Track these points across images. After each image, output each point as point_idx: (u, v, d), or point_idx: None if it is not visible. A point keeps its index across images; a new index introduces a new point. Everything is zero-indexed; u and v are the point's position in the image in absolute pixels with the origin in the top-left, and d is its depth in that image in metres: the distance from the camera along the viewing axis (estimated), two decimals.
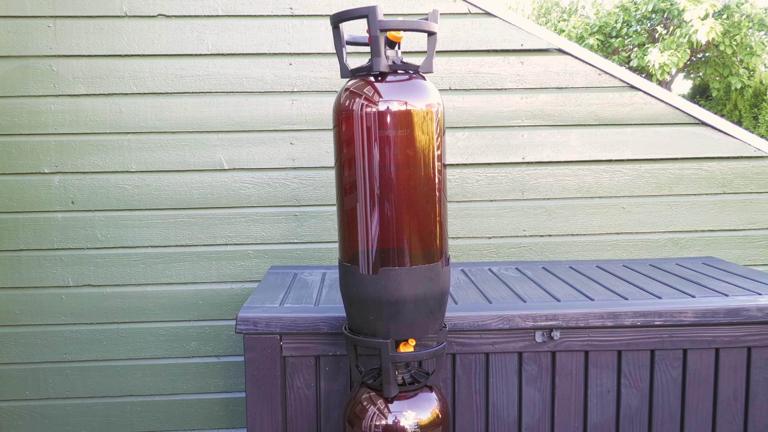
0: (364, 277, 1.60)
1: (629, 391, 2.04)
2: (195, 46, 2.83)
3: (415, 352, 1.66)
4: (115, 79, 2.82)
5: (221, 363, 2.95)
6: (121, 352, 2.91)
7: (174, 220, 2.88)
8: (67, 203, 2.84)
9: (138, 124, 2.84)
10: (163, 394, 2.94)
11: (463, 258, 2.99)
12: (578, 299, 2.13)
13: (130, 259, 2.88)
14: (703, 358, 2.04)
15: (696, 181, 3.03)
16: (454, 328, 1.96)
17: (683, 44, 10.55)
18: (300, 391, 1.99)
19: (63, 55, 2.80)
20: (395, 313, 1.59)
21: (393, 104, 1.55)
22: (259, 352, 1.95)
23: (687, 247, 3.05)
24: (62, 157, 2.83)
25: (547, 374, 2.03)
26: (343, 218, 1.65)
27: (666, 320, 2.00)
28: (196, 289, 2.91)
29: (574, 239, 3.02)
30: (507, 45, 2.92)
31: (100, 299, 2.89)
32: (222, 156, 2.88)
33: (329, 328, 1.94)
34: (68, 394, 2.91)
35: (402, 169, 1.57)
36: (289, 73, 2.88)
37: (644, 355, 2.03)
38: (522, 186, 2.98)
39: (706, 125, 2.99)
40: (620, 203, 3.02)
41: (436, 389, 1.74)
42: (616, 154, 2.99)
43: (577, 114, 2.97)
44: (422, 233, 1.62)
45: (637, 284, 2.34)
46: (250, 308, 2.02)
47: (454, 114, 2.93)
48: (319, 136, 2.90)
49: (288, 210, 2.91)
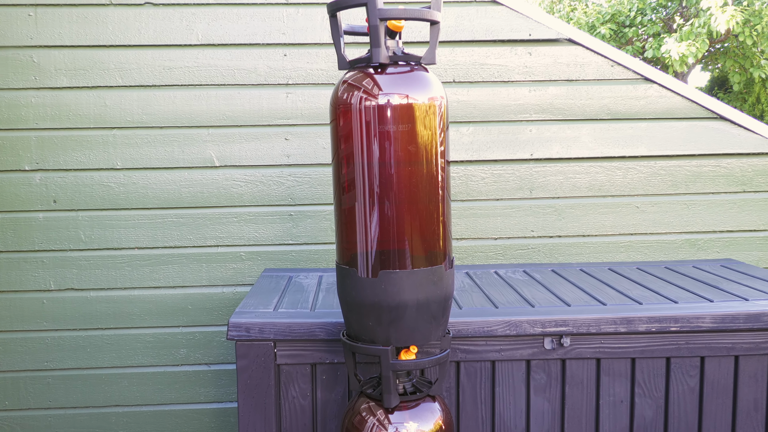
0: (362, 281, 1.60)
1: (643, 401, 2.04)
2: (184, 36, 2.83)
3: (417, 360, 1.66)
4: (100, 71, 2.82)
5: (212, 371, 2.95)
6: (105, 359, 2.91)
7: (162, 220, 2.89)
8: (49, 202, 2.85)
9: (124, 119, 2.84)
10: (151, 405, 2.94)
11: (467, 260, 2.99)
12: (589, 304, 2.13)
13: (116, 262, 2.89)
14: (721, 366, 2.04)
15: (714, 179, 3.03)
16: (459, 334, 1.96)
17: (701, 34, 10.55)
18: (295, 401, 1.99)
19: (44, 46, 2.80)
20: (396, 319, 1.60)
21: (393, 97, 1.55)
22: (251, 360, 1.95)
23: (705, 248, 3.05)
24: (44, 154, 2.83)
25: (556, 383, 2.03)
26: (341, 218, 1.65)
27: (682, 326, 2.00)
28: (185, 293, 2.91)
29: (586, 240, 3.02)
30: (514, 35, 2.93)
31: (84, 304, 2.89)
32: (213, 152, 2.88)
33: (326, 334, 1.94)
34: (50, 404, 2.91)
35: (403, 166, 1.57)
36: (284, 64, 2.88)
37: (659, 362, 2.03)
38: (530, 184, 2.98)
39: (725, 120, 3.00)
40: (634, 202, 3.02)
41: (439, 399, 1.75)
42: (629, 150, 2.99)
43: (589, 108, 2.97)
44: (424, 234, 1.62)
45: (652, 288, 2.34)
46: (243, 313, 2.02)
47: (458, 108, 2.94)
48: (316, 132, 2.90)
49: (282, 209, 2.92)
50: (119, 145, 2.85)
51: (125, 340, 2.91)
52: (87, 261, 2.88)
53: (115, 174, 2.86)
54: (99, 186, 2.86)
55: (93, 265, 2.88)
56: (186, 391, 2.95)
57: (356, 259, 1.61)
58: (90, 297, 2.89)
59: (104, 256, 2.88)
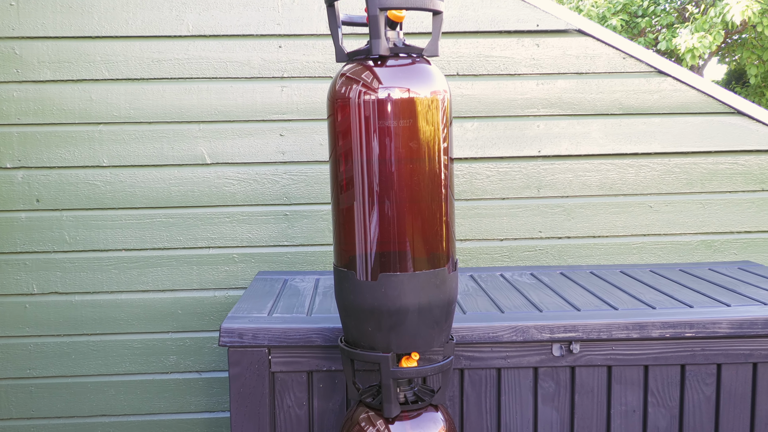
0: (361, 284, 1.60)
1: (657, 410, 2.04)
2: (174, 27, 2.83)
3: (419, 367, 1.66)
4: (85, 63, 2.82)
5: (203, 379, 2.95)
6: (91, 367, 2.91)
7: (150, 220, 2.88)
8: (32, 201, 2.84)
9: (110, 114, 2.84)
10: (139, 414, 2.94)
11: (472, 262, 2.99)
12: (600, 308, 2.13)
13: (102, 264, 2.88)
14: (739, 374, 2.04)
15: (731, 177, 3.03)
16: (462, 340, 1.96)
17: (717, 25, 10.55)
18: (291, 411, 1.99)
19: (27, 37, 2.80)
20: (396, 324, 1.59)
21: (394, 91, 1.55)
22: (245, 367, 1.94)
23: (721, 250, 3.05)
24: (26, 150, 2.83)
25: (565, 392, 2.03)
26: (339, 218, 1.65)
27: (698, 332, 2.00)
28: (175, 297, 2.91)
29: (596, 241, 3.02)
30: (521, 25, 2.92)
31: (68, 308, 2.89)
32: (204, 149, 2.88)
33: (323, 340, 1.94)
34: (33, 413, 2.91)
35: (404, 164, 1.57)
36: (279, 56, 2.88)
37: (674, 370, 2.03)
38: (538, 182, 2.98)
39: (742, 115, 2.99)
40: (647, 201, 3.02)
41: (442, 408, 1.74)
42: (642, 146, 2.99)
43: (599, 102, 2.97)
44: (426, 235, 1.62)
45: (666, 292, 2.34)
46: (236, 318, 2.02)
47: (462, 102, 2.93)
48: (312, 127, 2.90)
49: (277, 209, 2.91)
50: (105, 141, 2.85)
51: (112, 347, 2.91)
52: (72, 263, 2.87)
53: (101, 172, 2.86)
54: (84, 184, 2.86)
55: (78, 268, 2.88)
56: (176, 400, 2.94)
57: (355, 261, 1.61)
58: (75, 301, 2.89)
59: (90, 258, 2.88)
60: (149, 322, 2.91)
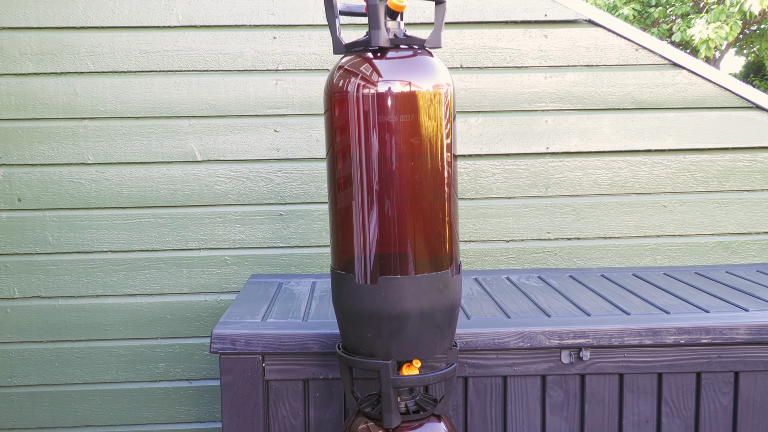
0: (360, 288, 1.60)
1: (671, 420, 2.04)
2: (163, 17, 2.83)
3: (421, 375, 1.66)
4: (69, 55, 2.82)
5: (193, 388, 2.96)
6: (76, 375, 2.91)
7: (138, 220, 2.89)
8: (13, 201, 2.85)
9: (96, 108, 2.84)
10: (126, 425, 2.94)
11: (476, 265, 2.99)
12: (612, 313, 2.13)
13: (87, 267, 2.89)
14: (758, 382, 2.04)
15: (750, 175, 3.03)
16: (467, 347, 1.96)
17: (734, 15, 10.55)
18: (285, 421, 1.99)
19: (7, 28, 2.80)
20: (397, 330, 1.60)
21: (395, 85, 1.55)
22: (237, 375, 1.95)
23: (739, 252, 3.05)
24: (7, 147, 2.83)
25: (575, 401, 2.03)
26: (337, 218, 1.65)
27: (715, 338, 2.00)
28: (164, 301, 2.92)
29: (607, 243, 3.02)
30: (528, 15, 2.93)
31: (52, 313, 2.89)
32: (194, 145, 2.88)
33: (320, 347, 1.94)
34: (14, 424, 2.91)
35: (405, 161, 1.57)
36: (273, 48, 2.88)
37: (689, 378, 2.03)
38: (546, 180, 2.98)
39: (761, 109, 3.00)
40: (661, 201, 3.02)
41: (445, 419, 1.75)
42: (656, 143, 2.99)
43: (611, 96, 2.97)
44: (429, 236, 1.62)
45: (681, 296, 2.35)
46: (228, 324, 2.02)
47: (466, 96, 2.94)
48: (309, 123, 2.90)
49: (272, 209, 2.92)
50: (91, 137, 2.85)
51: (97, 354, 2.91)
52: (55, 266, 2.88)
53: (86, 169, 2.86)
54: (68, 183, 2.86)
55: (62, 271, 2.88)
56: (165, 410, 2.95)
57: (353, 263, 1.61)
58: (58, 306, 2.89)
59: (74, 260, 2.88)
60: (137, 327, 2.91)
